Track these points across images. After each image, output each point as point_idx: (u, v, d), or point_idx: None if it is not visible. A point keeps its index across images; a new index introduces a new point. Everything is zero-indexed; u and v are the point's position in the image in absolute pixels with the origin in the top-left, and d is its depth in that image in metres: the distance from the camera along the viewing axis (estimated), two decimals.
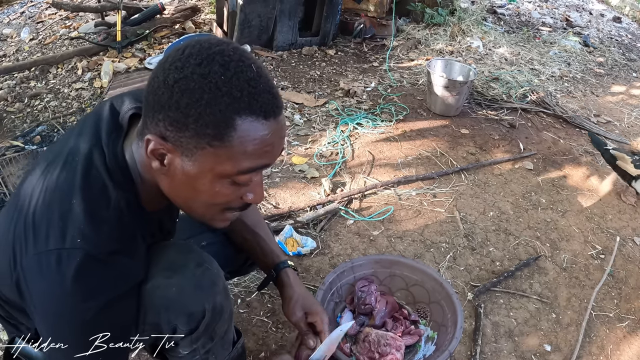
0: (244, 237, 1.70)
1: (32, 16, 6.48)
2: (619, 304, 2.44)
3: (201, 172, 1.04)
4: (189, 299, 1.26)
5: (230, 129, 0.98)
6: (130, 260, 1.14)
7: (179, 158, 1.04)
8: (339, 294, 2.06)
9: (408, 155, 3.41)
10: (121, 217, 1.11)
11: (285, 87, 4.28)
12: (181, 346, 1.33)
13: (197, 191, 1.09)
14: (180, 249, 1.34)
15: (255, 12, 4.56)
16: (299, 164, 3.23)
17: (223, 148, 1.00)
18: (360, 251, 2.58)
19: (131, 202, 1.15)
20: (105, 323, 1.09)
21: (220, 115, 0.98)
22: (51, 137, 3.76)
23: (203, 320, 1.28)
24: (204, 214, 1.17)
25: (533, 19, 6.75)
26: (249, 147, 1.01)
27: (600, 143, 3.38)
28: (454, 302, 1.95)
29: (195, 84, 0.97)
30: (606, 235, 2.85)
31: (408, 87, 4.43)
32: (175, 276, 1.24)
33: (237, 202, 1.14)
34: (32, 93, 4.36)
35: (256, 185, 1.14)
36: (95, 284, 1.05)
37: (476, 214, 2.90)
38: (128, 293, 1.14)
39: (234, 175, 1.05)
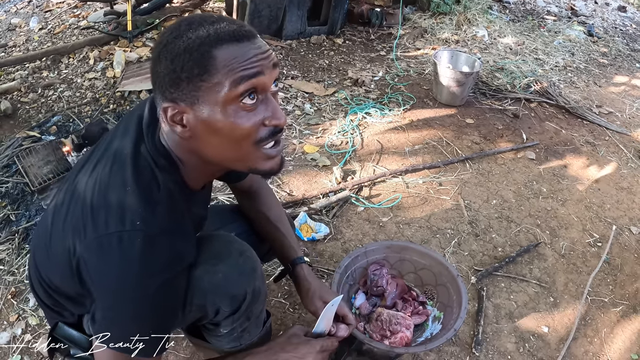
0: (266, 230, 1.83)
1: (40, 5, 6.43)
2: (613, 289, 2.56)
3: (211, 110, 1.11)
4: (233, 284, 1.42)
5: (211, 60, 1.08)
6: (184, 240, 1.23)
7: (191, 110, 1.12)
8: (353, 277, 2.19)
9: (415, 144, 3.51)
10: (171, 197, 1.21)
11: (295, 76, 4.36)
12: (222, 325, 1.50)
13: (221, 133, 1.14)
14: (224, 239, 1.49)
15: (265, 2, 4.64)
16: (310, 153, 3.34)
17: (214, 76, 1.08)
18: (371, 236, 2.71)
19: (178, 182, 1.25)
20: (163, 300, 1.18)
21: (198, 55, 1.08)
22: (67, 127, 3.77)
23: (244, 302, 1.45)
24: (242, 158, 1.20)
25: (538, 8, 6.77)
26: (233, 65, 1.08)
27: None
28: (459, 284, 2.08)
29: (172, 45, 1.10)
30: (604, 224, 2.97)
31: (415, 77, 4.51)
32: (221, 264, 1.40)
33: (262, 130, 1.16)
34: (45, 83, 4.36)
35: (271, 106, 1.16)
36: (156, 262, 1.14)
37: (480, 202, 3.02)
38: (182, 272, 1.24)
39: (236, 95, 1.10)
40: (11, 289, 2.44)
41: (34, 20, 5.85)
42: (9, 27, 5.86)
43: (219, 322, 1.50)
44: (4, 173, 3.24)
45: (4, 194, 3.08)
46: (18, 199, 3.05)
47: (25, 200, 3.04)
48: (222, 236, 1.52)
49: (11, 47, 5.24)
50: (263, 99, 1.15)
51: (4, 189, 3.12)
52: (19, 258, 2.62)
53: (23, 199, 3.05)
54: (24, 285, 2.48)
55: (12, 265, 2.57)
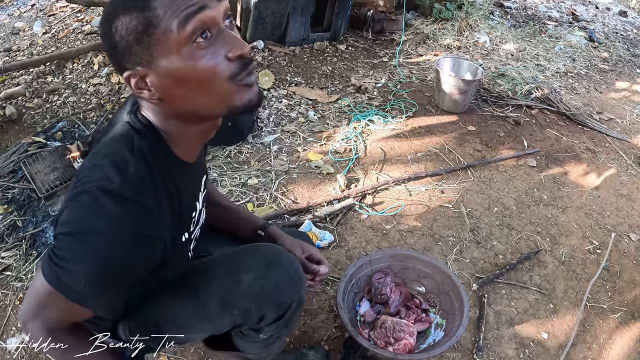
0: (221, 214, 1.84)
1: (43, 9, 6.41)
2: (612, 296, 2.60)
3: (169, 61, 1.09)
4: (283, 292, 1.47)
5: (151, 11, 1.06)
6: (153, 204, 1.16)
7: (151, 71, 1.11)
8: (358, 285, 2.24)
9: (417, 151, 3.56)
10: (144, 160, 1.17)
11: (298, 83, 4.39)
12: (263, 331, 1.56)
13: (187, 81, 1.11)
14: (273, 249, 1.54)
15: (269, 9, 4.67)
16: (314, 160, 3.38)
17: (158, 26, 1.06)
18: (374, 244, 2.75)
19: (155, 148, 1.21)
20: (103, 255, 1.11)
21: (137, 11, 1.06)
22: (72, 133, 3.75)
23: (289, 310, 1.50)
24: (218, 99, 1.16)
25: (539, 13, 6.81)
26: (174, 7, 1.05)
27: None
28: (461, 293, 2.13)
29: (112, 14, 1.09)
30: (603, 231, 3.01)
31: (417, 83, 4.55)
32: (273, 271, 1.44)
33: (230, 65, 1.12)
34: (49, 88, 4.35)
35: (228, 38, 1.13)
36: (112, 216, 1.09)
37: (481, 210, 3.06)
38: (141, 235, 1.15)
39: (187, 37, 1.07)
40: (19, 295, 2.48)
41: (37, 24, 5.86)
42: (13, 30, 5.86)
43: (260, 328, 1.55)
44: (10, 179, 3.26)
45: (10, 200, 3.10)
46: (24, 205, 3.07)
47: (31, 207, 3.06)
48: (271, 246, 1.57)
49: (15, 51, 5.23)
50: (217, 34, 1.11)
51: (10, 194, 3.13)
52: (26, 264, 2.65)
53: (30, 205, 3.07)
54: None
55: (20, 272, 2.60)
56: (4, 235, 2.85)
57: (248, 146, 3.51)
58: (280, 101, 4.06)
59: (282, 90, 4.24)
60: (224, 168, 3.28)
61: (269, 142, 3.55)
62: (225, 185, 3.12)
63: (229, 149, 3.48)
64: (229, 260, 1.53)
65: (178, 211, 1.29)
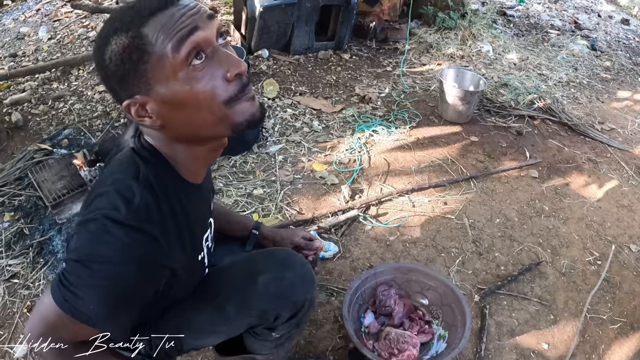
0: (213, 217, 1.87)
1: (49, 14, 6.41)
2: (612, 307, 2.64)
3: (167, 87, 1.10)
4: (297, 291, 1.54)
5: (143, 39, 1.06)
6: (158, 232, 1.17)
7: (150, 98, 1.12)
8: (363, 297, 2.29)
9: (421, 162, 3.59)
10: (150, 187, 1.18)
11: (303, 92, 4.43)
12: (277, 330, 1.63)
13: (187, 105, 1.12)
14: (286, 251, 1.63)
15: (274, 18, 4.71)
16: (319, 171, 3.42)
17: (152, 53, 1.07)
18: (378, 255, 2.79)
19: (161, 174, 1.22)
20: (109, 284, 1.13)
21: (130, 40, 1.06)
22: (78, 140, 3.76)
23: (302, 308, 1.58)
24: (217, 121, 1.16)
25: (542, 21, 6.81)
26: (165, 32, 1.06)
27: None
28: (464, 305, 2.18)
29: (105, 45, 1.10)
30: (604, 242, 3.05)
31: (420, 93, 4.58)
32: (287, 272, 1.52)
33: (226, 86, 1.12)
34: (55, 95, 4.36)
35: (223, 57, 1.13)
36: (118, 245, 1.11)
37: (484, 221, 3.10)
38: (147, 263, 1.17)
39: (182, 60, 1.07)
40: (27, 303, 2.52)
41: (42, 29, 5.87)
42: (18, 35, 5.86)
43: (274, 327, 1.61)
44: (17, 186, 3.27)
45: (17, 207, 3.12)
46: (31, 212, 3.09)
47: (38, 214, 3.08)
48: (283, 249, 1.68)
49: (20, 57, 5.25)
50: (212, 55, 1.12)
51: (17, 202, 3.15)
52: (33, 272, 2.69)
53: (36, 212, 3.09)
54: (39, 299, 2.55)
55: (27, 279, 2.65)
56: (11, 243, 2.88)
57: (253, 156, 3.56)
58: (285, 111, 4.10)
59: (286, 99, 4.28)
60: (230, 178, 3.32)
61: (274, 152, 3.60)
62: (231, 195, 3.16)
63: (235, 158, 3.52)
64: (244, 264, 1.59)
65: (189, 235, 1.32)
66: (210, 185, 1.60)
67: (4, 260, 2.77)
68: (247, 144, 3.60)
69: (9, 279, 2.67)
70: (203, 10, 1.13)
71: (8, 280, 2.66)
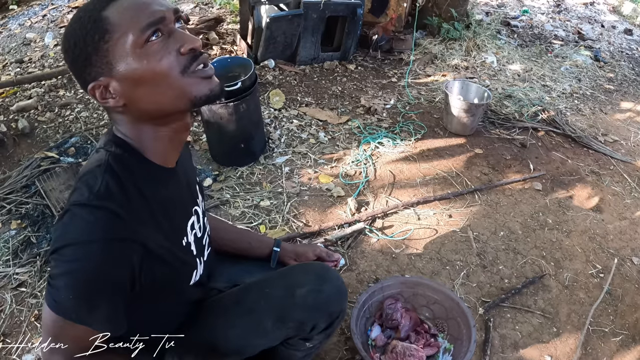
0: (232, 238, 1.98)
1: (55, 20, 6.47)
2: (614, 319, 2.67)
3: (127, 65, 1.16)
4: (333, 302, 1.63)
5: (104, 21, 1.14)
6: (121, 208, 1.20)
7: (111, 78, 1.18)
8: (370, 310, 2.33)
9: (426, 174, 3.62)
10: (112, 171, 1.23)
11: (309, 103, 4.47)
12: (312, 340, 1.70)
13: (145, 79, 1.18)
14: (322, 265, 1.74)
15: (280, 29, 4.76)
16: (325, 183, 3.45)
17: (114, 34, 1.14)
18: (384, 268, 2.83)
19: (126, 158, 1.27)
20: (96, 265, 1.17)
21: (91, 23, 1.15)
22: (85, 149, 3.78)
23: (337, 319, 1.67)
24: (179, 92, 1.22)
25: (546, 32, 6.84)
26: (127, 14, 1.14)
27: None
28: (469, 319, 2.22)
29: (69, 32, 1.19)
30: (606, 255, 3.07)
31: (425, 105, 4.62)
32: (325, 284, 1.60)
33: (178, 58, 1.19)
34: (61, 102, 4.39)
35: (179, 35, 1.20)
36: (80, 225, 1.17)
37: (488, 234, 3.13)
38: (112, 238, 1.19)
39: (140, 37, 1.15)
40: (34, 312, 2.55)
41: (49, 35, 5.91)
42: (24, 41, 5.89)
43: (310, 337, 1.68)
44: (24, 193, 3.29)
45: (23, 215, 3.14)
46: (38, 220, 3.11)
47: (45, 223, 3.09)
48: (318, 263, 1.79)
49: (27, 63, 5.28)
50: (169, 34, 1.19)
51: (24, 210, 3.17)
52: (41, 281, 2.71)
53: (43, 221, 3.11)
54: None
55: (35, 288, 2.67)
56: (18, 251, 2.91)
57: (260, 167, 3.60)
58: (291, 121, 4.15)
59: (292, 110, 4.32)
60: (237, 189, 3.36)
61: (280, 164, 3.64)
62: (238, 207, 3.20)
63: (241, 169, 3.56)
64: (280, 279, 1.66)
65: (163, 215, 1.34)
66: (192, 176, 1.61)
67: (11, 269, 2.80)
68: (253, 155, 3.64)
69: (17, 287, 2.70)
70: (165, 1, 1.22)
71: (15, 288, 2.70)
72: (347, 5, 4.92)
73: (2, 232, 3.05)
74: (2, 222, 3.12)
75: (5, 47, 5.86)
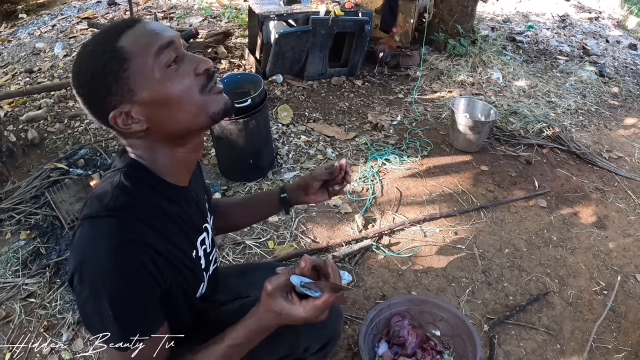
0: (241, 211, 1.95)
1: (64, 30, 6.55)
2: (617, 336, 2.71)
3: (149, 89, 1.21)
4: (327, 324, 1.64)
5: (121, 50, 1.18)
6: (129, 216, 1.24)
7: (134, 104, 1.22)
8: (377, 327, 2.37)
9: (432, 192, 3.67)
10: (124, 188, 1.27)
11: (317, 119, 4.52)
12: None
13: (170, 101, 1.23)
14: None
15: (289, 45, 4.83)
16: (333, 199, 3.49)
17: (132, 61, 1.18)
18: (390, 284, 2.87)
19: (139, 176, 1.31)
20: (122, 273, 1.19)
21: (107, 54, 1.17)
22: (94, 161, 3.82)
23: (331, 341, 1.69)
24: (197, 111, 1.27)
25: (551, 47, 6.89)
26: (140, 41, 1.19)
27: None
28: (474, 336, 2.26)
29: (82, 65, 1.21)
30: (610, 272, 3.11)
31: (432, 121, 4.67)
32: None
33: (196, 79, 1.26)
34: (71, 114, 4.45)
35: (192, 58, 1.27)
36: (89, 235, 1.20)
37: (493, 251, 3.17)
38: (121, 242, 1.20)
39: (161, 63, 1.20)
40: (43, 323, 2.59)
41: (58, 46, 5.99)
42: (34, 51, 5.97)
43: (304, 358, 1.70)
44: (33, 204, 3.33)
45: (33, 226, 3.18)
46: (48, 232, 3.15)
47: (55, 234, 3.13)
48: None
49: (36, 73, 5.34)
50: (182, 58, 1.25)
51: (33, 220, 3.21)
52: (50, 292, 2.76)
53: (53, 232, 3.15)
54: (56, 320, 2.62)
55: (44, 299, 2.72)
56: (28, 262, 2.96)
57: (268, 182, 3.64)
58: (299, 137, 4.20)
59: (300, 125, 4.38)
60: None
61: (288, 179, 3.69)
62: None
63: (250, 184, 3.61)
64: None
65: (175, 229, 1.37)
66: (201, 195, 1.63)
67: (20, 279, 2.85)
68: (262, 171, 3.69)
69: (26, 297, 2.75)
70: (166, 26, 1.28)
71: (24, 299, 2.75)
72: (355, 22, 4.99)
73: (12, 242, 3.11)
74: (12, 232, 3.17)
75: (14, 56, 5.93)
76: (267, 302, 1.29)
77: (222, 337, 1.36)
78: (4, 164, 3.70)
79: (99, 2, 7.69)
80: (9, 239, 3.14)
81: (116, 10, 7.19)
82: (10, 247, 3.05)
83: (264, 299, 1.30)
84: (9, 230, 3.19)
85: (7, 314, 2.68)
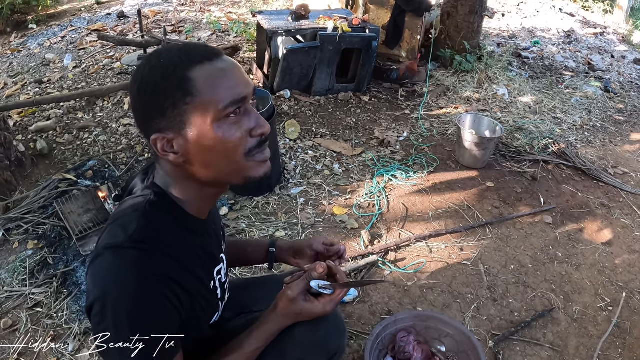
0: (232, 252, 1.88)
1: (74, 42, 6.64)
2: (622, 352, 2.71)
3: (201, 130, 1.18)
4: (331, 340, 1.66)
5: (190, 82, 1.16)
6: (153, 249, 1.22)
7: (180, 136, 1.20)
8: (383, 343, 2.39)
9: (438, 208, 3.70)
10: (149, 217, 1.25)
11: (324, 135, 4.57)
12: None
13: (214, 150, 1.20)
14: None
15: (297, 60, 4.88)
16: (339, 215, 3.53)
17: (197, 98, 1.16)
18: (396, 300, 2.89)
19: (164, 207, 1.30)
20: (141, 307, 1.18)
21: (176, 79, 1.16)
22: (103, 172, 3.87)
23: (335, 356, 1.69)
24: (237, 169, 1.26)
25: (556, 63, 6.91)
26: (213, 82, 1.17)
27: None
28: (479, 353, 2.27)
29: (148, 77, 1.19)
30: (615, 288, 3.12)
31: (438, 137, 4.70)
32: (323, 322, 1.59)
33: (250, 141, 1.25)
34: (80, 125, 4.49)
35: (254, 116, 1.25)
36: (112, 267, 1.18)
37: (499, 267, 3.18)
38: (145, 275, 1.19)
39: (222, 111, 1.18)
40: (50, 332, 2.62)
41: (68, 57, 6.05)
42: (44, 62, 6.05)
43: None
44: (41, 214, 3.38)
45: (40, 236, 3.22)
46: (55, 242, 3.18)
47: (62, 244, 3.17)
48: None
49: (46, 84, 5.39)
50: (244, 111, 1.23)
51: (41, 230, 3.25)
52: (57, 302, 2.79)
53: (60, 242, 3.18)
54: (63, 329, 2.65)
55: (51, 309, 2.75)
56: (35, 271, 2.99)
57: (275, 197, 3.68)
58: (306, 153, 4.24)
59: (307, 141, 4.42)
60: (252, 219, 3.44)
61: (295, 194, 3.72)
62: (254, 236, 3.27)
63: (257, 199, 3.64)
64: None
65: (194, 260, 1.37)
66: (218, 224, 1.65)
67: (27, 289, 2.89)
68: (269, 186, 3.72)
69: (32, 307, 2.78)
70: (245, 75, 1.26)
71: (31, 308, 2.78)
72: (363, 38, 5.04)
73: (19, 251, 3.15)
74: (19, 242, 3.21)
75: (24, 67, 6.01)
76: (287, 307, 1.48)
77: (240, 345, 1.48)
78: (13, 173, 3.74)
79: (108, 14, 7.80)
80: (16, 248, 3.18)
81: (126, 23, 7.28)
82: (18, 257, 3.09)
83: (283, 305, 1.49)
84: (16, 239, 3.23)
85: (14, 322, 2.71)
